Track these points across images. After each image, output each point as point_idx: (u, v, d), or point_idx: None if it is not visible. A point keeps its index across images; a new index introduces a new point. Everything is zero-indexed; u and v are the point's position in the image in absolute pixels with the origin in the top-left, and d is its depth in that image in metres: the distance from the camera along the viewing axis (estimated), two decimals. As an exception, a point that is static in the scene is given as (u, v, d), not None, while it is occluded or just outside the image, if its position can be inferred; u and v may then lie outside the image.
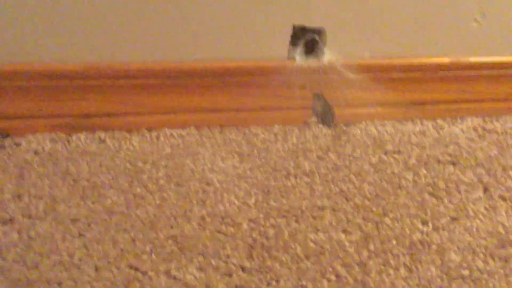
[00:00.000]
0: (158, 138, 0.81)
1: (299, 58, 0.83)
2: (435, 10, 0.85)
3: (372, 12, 0.83)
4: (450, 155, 0.82)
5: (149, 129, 0.82)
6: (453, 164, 0.80)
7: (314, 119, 0.87)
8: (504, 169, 0.80)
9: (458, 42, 0.88)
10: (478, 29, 0.87)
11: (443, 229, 0.68)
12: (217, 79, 0.82)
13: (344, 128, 0.87)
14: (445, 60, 0.88)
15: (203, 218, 0.66)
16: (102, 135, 0.80)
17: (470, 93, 0.91)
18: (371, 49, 0.85)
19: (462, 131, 0.89)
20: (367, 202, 0.71)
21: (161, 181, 0.72)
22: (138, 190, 0.70)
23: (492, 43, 0.89)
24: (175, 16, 0.77)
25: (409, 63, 0.87)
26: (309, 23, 0.81)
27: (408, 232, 0.67)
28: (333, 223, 0.67)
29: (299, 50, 0.83)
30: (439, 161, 0.80)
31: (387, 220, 0.68)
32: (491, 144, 0.86)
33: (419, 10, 0.84)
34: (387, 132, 0.87)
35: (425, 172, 0.78)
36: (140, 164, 0.75)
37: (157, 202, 0.68)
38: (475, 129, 0.90)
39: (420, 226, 0.68)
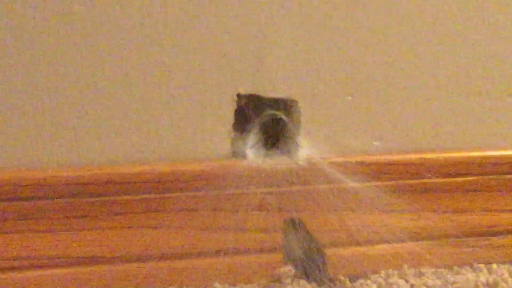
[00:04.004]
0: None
1: (253, 155, 0.46)
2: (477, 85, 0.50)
3: (376, 81, 0.48)
4: None
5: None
6: None
7: (288, 269, 0.46)
8: None
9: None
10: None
11: None
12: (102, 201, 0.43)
13: (349, 283, 0.46)
14: (509, 152, 0.51)
15: None
16: None
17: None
18: (383, 137, 0.49)
19: None
20: None
21: None
22: None
23: None
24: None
25: (447, 159, 0.50)
26: (268, 92, 0.46)
27: None
28: None
29: (253, 141, 0.46)
30: None
31: None
32: None
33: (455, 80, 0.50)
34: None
35: None
36: None
37: None
38: None
39: None
